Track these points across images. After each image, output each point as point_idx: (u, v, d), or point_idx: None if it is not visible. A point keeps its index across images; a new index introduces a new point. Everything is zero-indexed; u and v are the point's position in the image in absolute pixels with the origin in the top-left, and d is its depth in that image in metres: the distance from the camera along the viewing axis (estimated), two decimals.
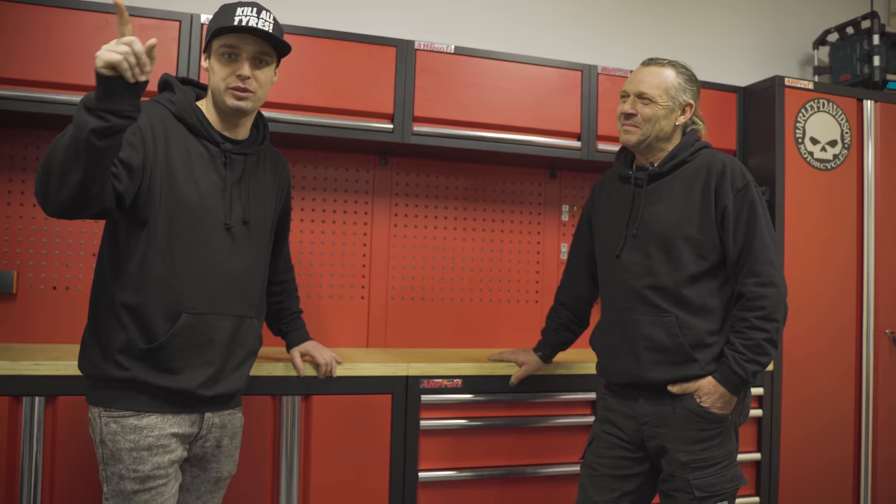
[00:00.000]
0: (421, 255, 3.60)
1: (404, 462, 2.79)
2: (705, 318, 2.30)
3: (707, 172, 2.33)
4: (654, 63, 2.43)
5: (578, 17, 4.02)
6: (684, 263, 2.30)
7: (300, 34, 3.02)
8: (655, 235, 2.35)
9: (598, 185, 2.67)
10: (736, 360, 2.22)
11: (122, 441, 1.96)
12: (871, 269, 3.62)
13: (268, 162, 2.28)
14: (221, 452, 2.17)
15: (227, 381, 2.11)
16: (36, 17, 2.76)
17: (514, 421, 2.94)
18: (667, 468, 2.31)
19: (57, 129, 3.04)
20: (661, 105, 2.36)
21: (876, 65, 3.94)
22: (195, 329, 2.02)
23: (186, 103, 2.09)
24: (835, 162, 3.60)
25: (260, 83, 2.10)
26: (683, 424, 2.29)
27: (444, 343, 3.58)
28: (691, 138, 2.43)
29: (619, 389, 2.46)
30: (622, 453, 2.41)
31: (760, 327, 2.21)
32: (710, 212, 2.30)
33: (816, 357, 3.51)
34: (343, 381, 2.71)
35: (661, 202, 2.37)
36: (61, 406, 2.43)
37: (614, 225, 2.48)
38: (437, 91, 3.20)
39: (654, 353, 2.31)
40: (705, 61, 4.22)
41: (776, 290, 2.23)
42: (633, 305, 2.37)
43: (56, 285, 3.07)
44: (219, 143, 2.11)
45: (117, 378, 1.97)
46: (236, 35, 2.06)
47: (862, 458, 3.56)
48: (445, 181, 3.65)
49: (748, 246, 2.26)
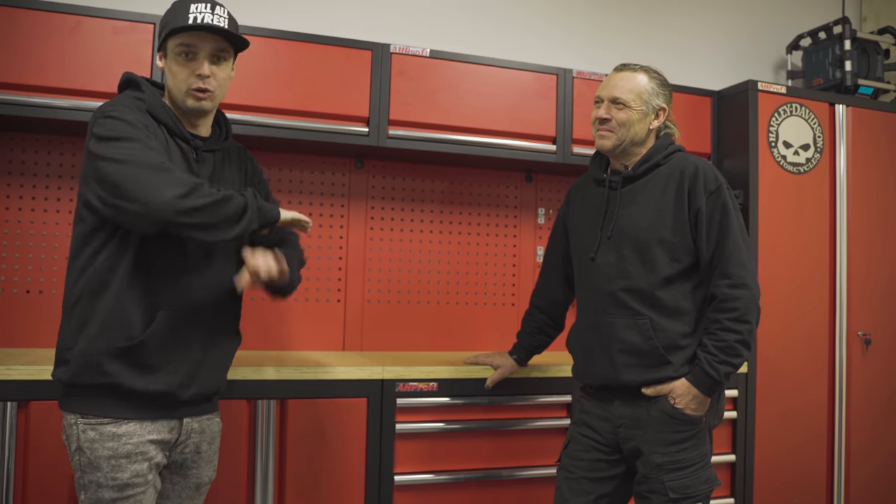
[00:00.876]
0: (397, 258, 3.60)
1: (380, 465, 2.79)
2: (679, 321, 2.31)
3: (680, 175, 2.35)
4: (626, 68, 2.45)
5: (554, 19, 4.04)
6: (658, 266, 2.32)
7: (275, 37, 3.01)
8: (630, 238, 2.37)
9: (574, 189, 2.69)
10: (708, 362, 2.24)
11: (100, 449, 1.93)
12: (844, 271, 3.66)
13: (232, 156, 2.26)
14: (201, 458, 2.15)
15: (205, 380, 2.09)
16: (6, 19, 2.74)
17: (489, 424, 2.95)
18: (642, 470, 2.32)
19: (23, 131, 3.02)
20: (634, 109, 2.38)
21: (847, 69, 3.99)
22: (172, 326, 2.00)
23: (156, 101, 2.07)
24: (807, 165, 3.64)
25: (219, 81, 2.09)
26: (658, 426, 2.30)
27: (421, 346, 3.58)
28: (665, 142, 2.45)
29: (594, 392, 2.47)
30: (598, 456, 2.42)
31: (732, 329, 2.23)
32: (683, 214, 2.32)
33: (790, 359, 3.54)
34: (318, 384, 2.71)
35: (636, 205, 2.39)
36: (34, 411, 2.41)
37: (589, 227, 2.49)
38: (412, 94, 3.21)
39: (629, 355, 2.32)
40: (681, 65, 4.26)
41: (748, 292, 2.25)
42: (607, 308, 2.38)
43: (29, 289, 3.05)
44: (189, 140, 2.09)
45: (95, 384, 1.94)
46: (192, 34, 2.02)
47: (835, 460, 3.59)
48: (422, 184, 3.65)
49: (720, 248, 2.28)
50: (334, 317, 3.48)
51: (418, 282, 3.63)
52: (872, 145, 3.77)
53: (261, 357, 2.94)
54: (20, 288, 3.04)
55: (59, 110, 2.78)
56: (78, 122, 2.80)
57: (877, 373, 3.70)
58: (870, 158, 3.76)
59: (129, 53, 2.85)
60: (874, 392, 3.69)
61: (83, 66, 2.81)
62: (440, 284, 3.66)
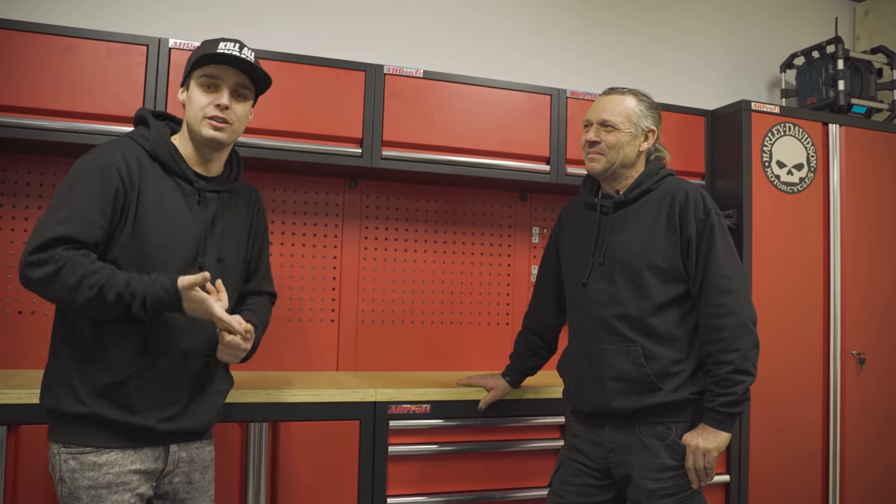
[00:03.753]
0: (391, 277, 3.59)
1: (372, 488, 2.77)
2: (671, 347, 2.31)
3: (671, 201, 2.35)
4: (615, 91, 2.47)
5: (549, 39, 4.06)
6: (650, 292, 2.32)
7: (269, 59, 3.01)
8: (621, 264, 2.36)
9: (565, 211, 2.69)
10: (707, 398, 2.26)
11: (80, 479, 1.93)
12: (838, 290, 3.66)
13: (241, 198, 2.26)
14: (194, 488, 2.13)
15: (191, 418, 2.07)
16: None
17: (483, 446, 2.93)
18: (633, 496, 2.31)
19: (16, 152, 3.02)
20: (623, 132, 2.39)
21: (841, 89, 4.00)
22: (160, 368, 1.99)
23: (160, 140, 2.07)
24: (801, 185, 3.64)
25: (238, 116, 2.10)
26: (650, 452, 2.29)
27: (415, 366, 3.57)
28: (656, 166, 2.45)
29: (585, 417, 2.46)
30: (589, 481, 2.41)
31: (722, 360, 2.22)
32: (674, 241, 2.32)
33: (784, 378, 3.53)
34: (310, 406, 2.70)
35: (627, 230, 2.39)
36: (24, 435, 2.39)
37: (581, 252, 2.49)
38: (406, 115, 3.21)
39: (620, 382, 2.32)
40: (676, 84, 4.28)
41: (735, 318, 2.23)
42: (598, 334, 2.38)
43: (22, 310, 3.04)
44: (192, 181, 2.09)
45: (76, 413, 1.93)
46: (217, 66, 2.06)
47: (830, 478, 3.58)
48: (416, 204, 3.65)
49: (706, 276, 2.28)
50: (328, 336, 3.47)
51: (412, 302, 3.62)
52: (866, 164, 3.78)
53: (253, 378, 2.93)
54: (12, 309, 3.03)
55: (52, 132, 2.78)
56: (71, 144, 2.80)
57: (871, 392, 3.69)
58: (863, 178, 3.77)
59: (122, 75, 2.85)
60: (869, 411, 3.68)
61: (77, 87, 2.81)
62: (434, 304, 3.66)
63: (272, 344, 3.31)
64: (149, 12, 3.37)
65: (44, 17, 3.12)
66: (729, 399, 2.21)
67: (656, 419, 2.30)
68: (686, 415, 2.31)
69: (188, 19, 3.42)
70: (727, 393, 2.21)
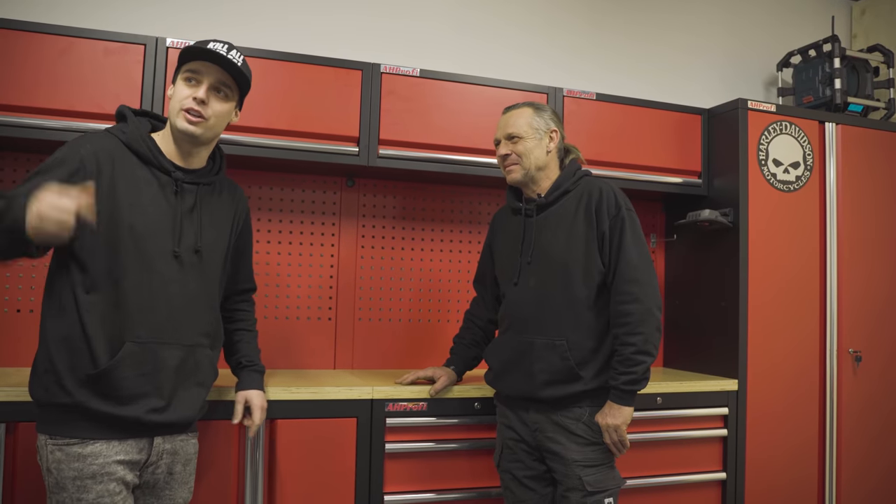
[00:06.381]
0: (388, 275, 3.60)
1: (369, 485, 2.79)
2: (590, 337, 2.53)
3: (588, 199, 2.56)
4: (512, 108, 2.71)
5: (546, 38, 4.06)
6: (574, 287, 2.53)
7: (266, 57, 3.02)
8: (547, 262, 2.59)
9: (496, 217, 2.93)
10: (612, 376, 2.48)
11: (66, 469, 1.95)
12: (834, 288, 3.67)
13: (224, 192, 2.29)
14: (174, 479, 2.15)
15: (177, 410, 2.10)
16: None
17: (479, 443, 2.95)
18: (560, 469, 2.52)
19: (14, 151, 3.04)
20: (528, 139, 2.62)
21: (837, 87, 4.01)
22: (139, 358, 2.01)
23: (137, 133, 2.11)
24: (797, 183, 3.65)
25: (215, 113, 2.13)
26: (573, 430, 2.52)
27: (413, 364, 3.57)
28: (573, 167, 2.67)
29: (509, 401, 2.68)
30: (529, 457, 2.64)
31: (627, 342, 2.45)
32: (592, 237, 2.52)
33: (781, 376, 3.54)
34: (308, 404, 2.71)
35: (550, 230, 2.61)
36: (21, 433, 2.41)
37: (510, 254, 2.72)
38: (403, 114, 3.22)
39: (548, 374, 2.53)
40: (673, 82, 4.29)
41: (640, 306, 2.45)
42: (528, 328, 2.60)
43: (20, 308, 3.05)
44: (170, 171, 2.12)
45: (62, 404, 1.96)
46: (201, 62, 2.10)
47: (826, 476, 3.59)
48: (413, 202, 3.66)
49: (616, 267, 2.50)
50: (325, 335, 3.48)
51: (409, 300, 3.63)
52: (862, 163, 3.79)
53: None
54: (10, 307, 3.04)
55: (50, 131, 2.78)
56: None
57: (868, 389, 3.70)
58: (860, 176, 3.78)
59: (120, 74, 2.86)
60: (865, 408, 3.69)
61: (75, 86, 2.81)
62: (431, 302, 3.67)
63: (269, 342, 3.32)
64: (146, 12, 3.38)
65: (42, 16, 3.14)
66: (630, 377, 2.43)
67: (575, 404, 2.53)
68: (601, 400, 2.53)
69: (185, 19, 3.43)
70: (629, 372, 2.43)
